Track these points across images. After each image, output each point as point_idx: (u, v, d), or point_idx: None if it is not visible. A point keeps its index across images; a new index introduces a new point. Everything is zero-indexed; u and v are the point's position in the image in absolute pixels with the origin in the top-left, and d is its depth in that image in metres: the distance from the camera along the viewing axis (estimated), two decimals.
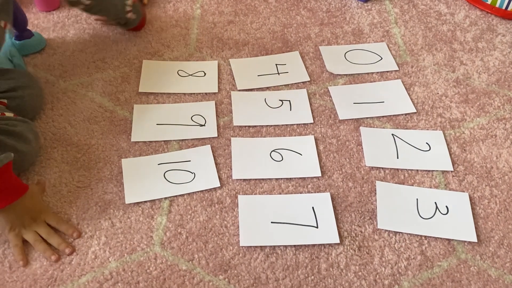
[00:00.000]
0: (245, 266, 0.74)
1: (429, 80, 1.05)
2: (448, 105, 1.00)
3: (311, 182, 0.85)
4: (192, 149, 0.89)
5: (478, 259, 0.76)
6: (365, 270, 0.74)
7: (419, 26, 1.18)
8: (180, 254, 0.75)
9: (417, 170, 0.87)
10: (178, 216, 0.80)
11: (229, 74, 1.05)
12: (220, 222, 0.79)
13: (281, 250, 0.76)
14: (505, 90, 1.03)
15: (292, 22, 1.19)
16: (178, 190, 0.83)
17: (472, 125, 0.96)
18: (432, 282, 0.73)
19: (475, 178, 0.87)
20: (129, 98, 0.99)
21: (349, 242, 0.77)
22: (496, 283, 0.73)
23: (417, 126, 0.95)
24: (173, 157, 0.88)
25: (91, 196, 0.82)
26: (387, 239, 0.78)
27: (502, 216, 0.81)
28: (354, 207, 0.82)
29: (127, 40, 1.12)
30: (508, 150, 0.91)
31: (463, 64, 1.09)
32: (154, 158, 0.88)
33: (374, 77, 1.06)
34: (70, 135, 0.91)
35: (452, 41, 1.14)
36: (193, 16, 1.19)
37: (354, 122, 0.96)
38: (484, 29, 1.18)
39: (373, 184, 0.85)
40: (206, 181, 0.84)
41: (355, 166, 0.88)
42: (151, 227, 0.78)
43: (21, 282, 0.72)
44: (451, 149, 0.91)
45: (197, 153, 0.89)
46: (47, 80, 1.01)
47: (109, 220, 0.79)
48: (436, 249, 0.77)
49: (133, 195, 0.82)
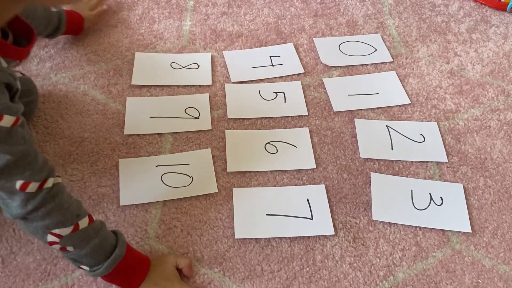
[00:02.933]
0: (240, 259, 0.74)
1: (423, 71, 1.05)
2: (443, 96, 1.00)
3: (306, 174, 0.85)
4: (191, 152, 0.87)
5: (472, 249, 0.76)
6: (360, 261, 0.74)
7: (413, 17, 1.18)
8: (175, 247, 0.75)
9: (411, 162, 0.88)
10: (173, 209, 0.79)
11: (223, 66, 1.04)
12: (215, 215, 0.79)
13: (276, 242, 0.76)
14: (499, 81, 1.03)
15: (286, 14, 1.18)
16: (174, 194, 0.81)
17: (466, 116, 0.96)
18: (427, 272, 0.73)
19: (469, 169, 0.87)
20: (121, 91, 0.98)
21: (344, 234, 0.77)
22: (490, 273, 0.73)
23: (411, 117, 0.95)
24: (171, 159, 0.86)
25: (85, 189, 0.81)
26: (382, 231, 0.78)
27: (496, 206, 0.82)
28: (349, 198, 0.82)
29: (119, 32, 1.10)
30: (502, 141, 0.92)
31: (457, 55, 1.09)
32: (152, 160, 0.86)
33: (368, 68, 1.05)
34: (62, 128, 0.90)
35: (446, 32, 1.14)
36: (186, 7, 1.18)
37: (349, 114, 0.95)
38: (478, 20, 1.17)
39: (368, 175, 0.85)
40: (204, 186, 0.82)
41: (349, 158, 0.88)
42: (146, 220, 0.78)
43: (14, 276, 0.71)
44: (446, 140, 0.91)
45: (196, 157, 0.87)
46: (38, 74, 1.00)
47: (103, 213, 0.78)
48: (431, 240, 0.77)
49: (128, 197, 0.80)
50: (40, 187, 0.59)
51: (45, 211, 0.59)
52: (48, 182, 0.59)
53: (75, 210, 0.63)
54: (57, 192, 0.61)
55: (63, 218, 0.61)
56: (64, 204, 0.61)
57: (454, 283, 0.72)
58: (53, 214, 0.60)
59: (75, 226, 0.62)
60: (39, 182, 0.58)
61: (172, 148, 0.88)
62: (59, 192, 0.61)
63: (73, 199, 0.64)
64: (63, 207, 0.61)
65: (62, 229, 0.61)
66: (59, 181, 0.62)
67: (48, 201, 0.59)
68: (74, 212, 0.63)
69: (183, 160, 0.86)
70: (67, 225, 0.61)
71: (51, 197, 0.60)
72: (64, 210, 0.61)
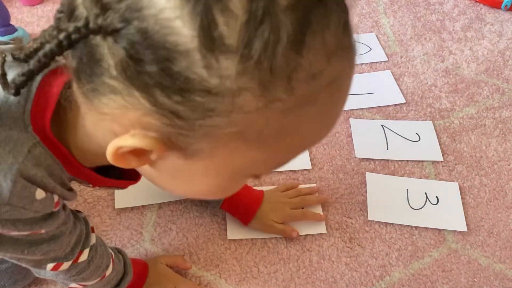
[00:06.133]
0: (236, 260, 0.74)
1: (418, 70, 1.05)
2: (438, 95, 1.00)
3: (302, 175, 0.85)
4: None
5: (468, 248, 0.76)
6: (356, 261, 0.74)
7: (408, 16, 1.18)
8: (170, 249, 0.75)
9: (407, 161, 0.88)
10: (168, 212, 0.79)
11: None
12: (211, 217, 0.79)
13: (272, 243, 0.76)
14: (494, 79, 1.03)
15: None
16: (170, 196, 0.80)
17: (462, 114, 0.96)
18: (423, 272, 0.73)
19: (465, 168, 0.87)
20: None
21: (340, 234, 0.77)
22: (486, 272, 0.73)
23: (406, 116, 0.95)
24: None
25: (80, 192, 0.81)
26: (378, 231, 0.78)
27: (491, 205, 0.82)
28: (344, 198, 0.82)
29: None
30: (497, 140, 0.92)
31: (452, 53, 1.09)
32: None
33: (363, 68, 1.05)
34: None
35: (441, 31, 1.14)
36: None
37: (344, 114, 0.95)
38: (473, 18, 1.17)
39: (363, 175, 0.85)
40: None
41: (345, 157, 0.88)
42: (141, 223, 0.78)
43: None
44: (441, 139, 0.91)
45: None
46: None
47: (99, 216, 0.78)
48: (427, 239, 0.77)
49: (123, 200, 0.80)
50: (75, 262, 0.53)
51: (80, 278, 0.55)
52: (83, 254, 0.54)
53: (105, 262, 0.58)
54: (94, 256, 0.56)
55: (96, 275, 0.57)
56: (98, 264, 0.56)
57: (450, 282, 0.72)
58: (87, 277, 0.56)
59: (103, 276, 0.58)
60: (72, 260, 0.53)
61: None
62: (94, 256, 0.56)
63: (104, 250, 0.59)
64: (97, 267, 0.56)
65: (89, 281, 0.58)
66: (94, 242, 0.56)
67: (84, 270, 0.55)
68: (105, 265, 0.58)
69: None
70: (97, 278, 0.58)
71: (87, 266, 0.55)
72: (97, 269, 0.57)
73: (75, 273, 0.55)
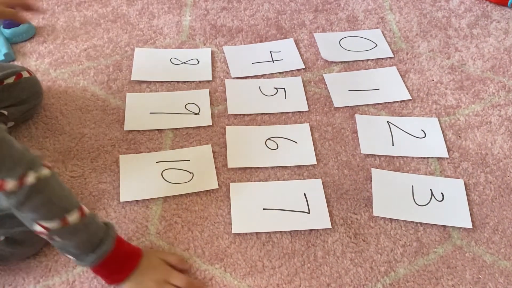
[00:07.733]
0: (241, 255, 0.74)
1: (424, 67, 1.04)
2: (443, 92, 0.99)
3: (307, 170, 0.85)
4: (191, 148, 0.87)
5: (473, 245, 0.76)
6: (361, 257, 0.74)
7: (414, 13, 1.18)
8: (176, 243, 0.75)
9: (412, 157, 0.87)
10: (174, 205, 0.79)
11: (223, 62, 1.04)
12: (216, 211, 0.79)
13: (277, 238, 0.76)
14: (500, 76, 1.03)
15: (286, 9, 1.17)
16: (174, 190, 0.80)
17: (467, 111, 0.96)
18: (428, 268, 0.73)
19: (470, 165, 0.87)
20: (121, 87, 0.97)
21: (345, 230, 0.77)
22: (490, 269, 0.73)
23: (412, 113, 0.95)
24: (171, 155, 0.86)
25: (85, 186, 0.81)
26: (383, 226, 0.78)
27: (496, 202, 0.82)
28: (349, 194, 0.82)
29: (118, 28, 1.10)
30: (502, 137, 0.91)
31: (458, 50, 1.08)
32: (152, 156, 0.86)
33: (369, 64, 1.05)
34: (62, 124, 0.90)
35: (447, 28, 1.14)
36: (186, 2, 1.17)
37: (349, 110, 0.95)
38: (479, 16, 1.17)
39: (369, 171, 0.85)
40: (204, 182, 0.82)
41: (350, 153, 0.88)
42: (146, 216, 0.78)
43: (14, 274, 0.71)
44: (446, 136, 0.91)
45: (197, 153, 0.86)
46: (37, 69, 0.99)
47: (104, 210, 0.78)
48: (432, 236, 0.77)
49: (129, 193, 0.80)
50: (20, 184, 0.56)
51: (31, 205, 0.58)
52: (29, 177, 0.57)
53: (64, 203, 0.61)
54: (44, 186, 0.59)
55: (51, 213, 0.60)
56: (52, 198, 0.60)
57: (455, 279, 0.72)
58: (40, 208, 0.59)
59: (64, 220, 0.60)
60: (16, 179, 0.56)
61: (172, 144, 0.88)
62: (46, 186, 0.59)
63: (65, 191, 0.62)
64: (51, 201, 0.59)
65: (49, 223, 0.60)
66: (46, 174, 0.59)
67: (32, 196, 0.58)
68: (64, 205, 0.61)
69: (183, 156, 0.86)
70: (55, 219, 0.60)
71: (36, 192, 0.58)
72: (52, 204, 0.60)
73: (23, 198, 0.57)
